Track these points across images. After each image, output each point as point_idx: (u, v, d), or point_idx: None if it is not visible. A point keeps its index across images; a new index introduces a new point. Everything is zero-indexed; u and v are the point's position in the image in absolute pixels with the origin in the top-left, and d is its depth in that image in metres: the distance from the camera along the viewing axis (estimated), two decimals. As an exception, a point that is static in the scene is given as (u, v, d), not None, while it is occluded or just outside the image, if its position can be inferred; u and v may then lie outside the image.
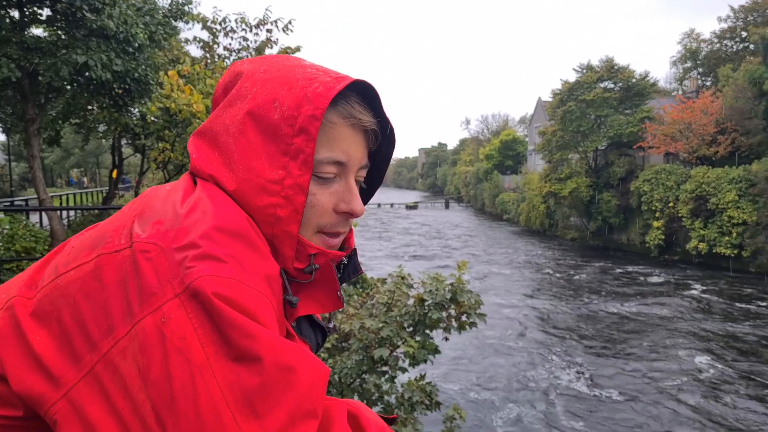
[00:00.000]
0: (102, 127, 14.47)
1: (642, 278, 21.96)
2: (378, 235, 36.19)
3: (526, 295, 19.23)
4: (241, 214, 0.69)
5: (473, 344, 13.09)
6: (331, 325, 0.95)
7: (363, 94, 0.78)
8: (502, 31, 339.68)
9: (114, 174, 15.90)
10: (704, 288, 19.78)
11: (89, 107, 12.07)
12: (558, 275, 23.08)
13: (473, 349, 12.99)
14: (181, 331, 0.56)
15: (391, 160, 0.91)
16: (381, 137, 0.83)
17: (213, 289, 0.58)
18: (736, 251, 22.94)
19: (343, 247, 0.85)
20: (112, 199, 15.51)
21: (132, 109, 10.48)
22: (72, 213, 16.65)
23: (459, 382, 11.18)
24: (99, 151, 40.15)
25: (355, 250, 0.89)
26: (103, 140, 20.33)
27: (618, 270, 23.83)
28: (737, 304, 17.38)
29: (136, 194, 11.65)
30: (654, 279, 21.75)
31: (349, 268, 0.89)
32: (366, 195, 0.91)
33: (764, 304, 17.47)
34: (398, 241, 33.11)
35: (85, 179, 48.90)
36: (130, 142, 15.03)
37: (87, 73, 8.29)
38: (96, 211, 13.95)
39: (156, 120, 9.13)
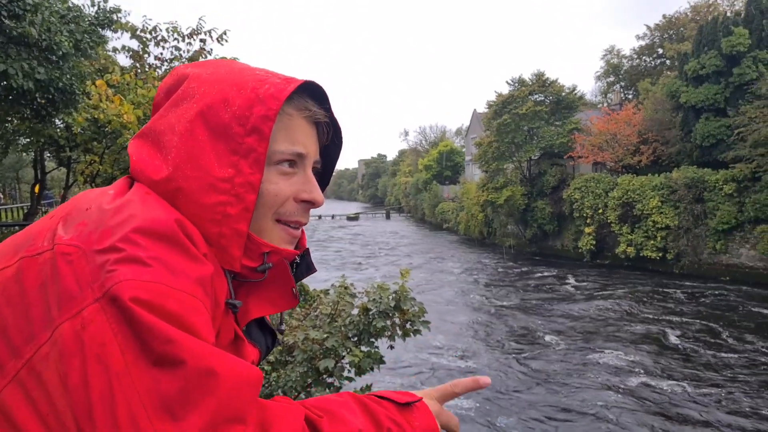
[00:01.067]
0: (23, 140, 13.65)
1: (574, 282, 22.83)
2: (320, 246, 35.95)
3: (466, 301, 19.58)
4: (170, 215, 0.67)
5: (417, 351, 13.18)
6: (282, 327, 0.93)
7: (312, 94, 0.80)
8: (438, 44, 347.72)
9: (36, 189, 15.05)
10: (631, 290, 20.78)
11: (8, 118, 11.37)
12: (497, 282, 23.64)
13: (418, 357, 13.08)
14: (100, 337, 0.55)
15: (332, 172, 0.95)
16: (331, 132, 0.86)
17: (133, 293, 0.57)
18: (660, 254, 24.28)
19: (297, 245, 0.86)
20: (34, 216, 14.64)
21: (56, 121, 9.95)
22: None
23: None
24: (19, 166, 37.89)
25: (307, 249, 0.90)
26: (24, 154, 19.21)
27: (553, 275, 24.68)
28: (661, 304, 18.36)
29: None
30: (585, 283, 22.65)
31: (302, 266, 0.89)
32: None
33: (686, 302, 18.55)
34: (340, 253, 33.00)
35: (1, 195, 45.88)
36: (53, 155, 14.27)
37: (5, 82, 7.81)
38: (17, 227, 13.15)
39: (83, 131, 8.72)
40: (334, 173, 0.96)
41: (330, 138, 0.87)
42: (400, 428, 0.77)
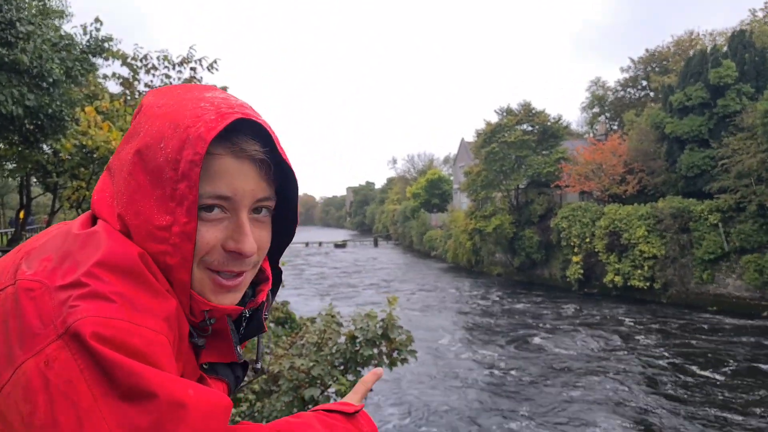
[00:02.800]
0: (10, 165, 13.56)
1: (562, 312, 22.80)
2: (306, 274, 35.72)
3: (453, 330, 19.46)
4: (133, 250, 0.66)
5: (404, 380, 13.02)
6: (258, 366, 0.91)
7: (255, 130, 0.72)
8: (427, 74, 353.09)
9: (21, 215, 14.88)
10: (619, 320, 20.79)
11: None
12: (485, 310, 23.56)
13: (404, 385, 12.92)
14: (66, 374, 0.54)
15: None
16: (275, 170, 0.76)
17: (94, 329, 0.56)
18: (648, 283, 24.37)
19: (251, 299, 0.82)
20: (18, 242, 14.45)
21: (44, 146, 9.92)
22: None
23: (391, 418, 11.03)
24: (4, 191, 37.52)
25: (262, 305, 0.84)
26: (10, 179, 19.03)
27: (540, 304, 24.65)
28: (649, 334, 18.37)
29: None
30: (573, 312, 22.64)
31: (253, 323, 0.84)
32: (283, 235, 0.87)
33: (674, 332, 18.57)
34: (327, 280, 32.78)
35: None
36: (40, 180, 14.16)
37: (-6, 108, 7.79)
38: None
39: (71, 157, 8.69)
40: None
41: (280, 174, 0.77)
42: None
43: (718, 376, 13.59)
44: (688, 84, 25.17)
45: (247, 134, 0.71)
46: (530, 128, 32.86)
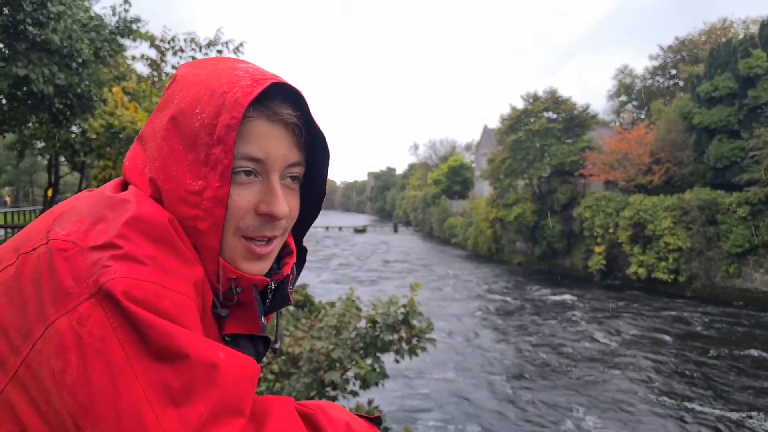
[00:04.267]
0: (40, 144, 13.84)
1: (584, 302, 22.61)
2: (326, 258, 35.95)
3: (472, 318, 19.45)
4: (163, 215, 0.67)
5: (420, 367, 13.08)
6: (276, 346, 0.90)
7: (286, 96, 0.73)
8: (451, 59, 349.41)
9: (50, 193, 15.20)
10: (642, 312, 20.54)
11: (27, 122, 11.55)
12: (505, 300, 23.48)
13: (420, 372, 12.97)
14: (99, 331, 0.55)
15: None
16: (306, 134, 0.77)
17: (126, 290, 0.56)
18: (672, 276, 23.97)
19: (277, 271, 0.83)
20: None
21: (72, 126, 10.09)
22: (1, 232, 15.83)
23: (408, 405, 11.11)
24: (33, 169, 38.37)
25: (288, 276, 0.84)
26: (39, 157, 19.44)
27: (561, 294, 24.47)
28: (672, 328, 18.13)
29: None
30: (595, 302, 22.44)
31: (278, 295, 0.83)
32: (310, 208, 0.87)
33: (699, 328, 18.30)
34: (346, 265, 32.97)
35: (7, 199, 46.25)
36: (68, 159, 14.43)
37: (26, 87, 7.94)
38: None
39: (98, 137, 8.83)
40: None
41: (310, 143, 0.79)
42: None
43: (738, 372, 13.38)
44: (716, 74, 24.51)
45: (280, 99, 0.72)
46: (555, 116, 32.40)
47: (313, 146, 0.80)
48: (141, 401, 0.53)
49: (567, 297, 23.64)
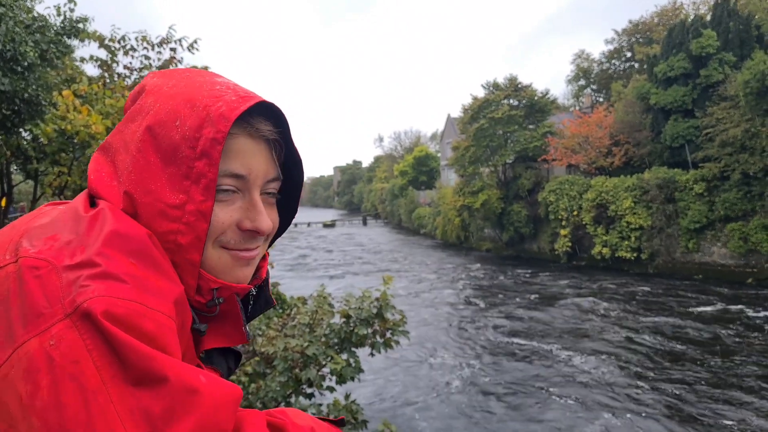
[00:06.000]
0: (-12, 153, 13.25)
1: (552, 284, 23.04)
2: (295, 255, 35.68)
3: (444, 307, 19.59)
4: (142, 231, 0.64)
5: (395, 359, 13.11)
6: (250, 348, 0.89)
7: (269, 114, 0.74)
8: (412, 50, 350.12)
9: (3, 203, 14.62)
10: (605, 290, 21.05)
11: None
12: (475, 286, 23.73)
13: (395, 365, 13.01)
14: (73, 353, 0.52)
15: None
16: (285, 149, 0.79)
17: (107, 309, 0.53)
18: (635, 254, 24.69)
19: (255, 276, 0.81)
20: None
21: (22, 132, 9.69)
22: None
23: (384, 398, 11.12)
24: (-14, 180, 36.91)
25: (266, 280, 0.84)
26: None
27: (530, 278, 24.87)
28: (634, 304, 18.64)
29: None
30: (562, 284, 22.88)
31: (259, 300, 0.84)
32: (283, 218, 0.87)
33: (660, 301, 18.86)
34: (316, 261, 32.79)
35: None
36: (20, 168, 13.89)
37: (-33, 94, 7.56)
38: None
39: (51, 143, 8.51)
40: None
41: (285, 158, 0.80)
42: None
43: (703, 346, 13.84)
44: (671, 54, 25.17)
45: (261, 116, 0.72)
46: (516, 103, 32.78)
47: (285, 161, 0.81)
48: (117, 428, 0.50)
49: (536, 280, 24.05)
